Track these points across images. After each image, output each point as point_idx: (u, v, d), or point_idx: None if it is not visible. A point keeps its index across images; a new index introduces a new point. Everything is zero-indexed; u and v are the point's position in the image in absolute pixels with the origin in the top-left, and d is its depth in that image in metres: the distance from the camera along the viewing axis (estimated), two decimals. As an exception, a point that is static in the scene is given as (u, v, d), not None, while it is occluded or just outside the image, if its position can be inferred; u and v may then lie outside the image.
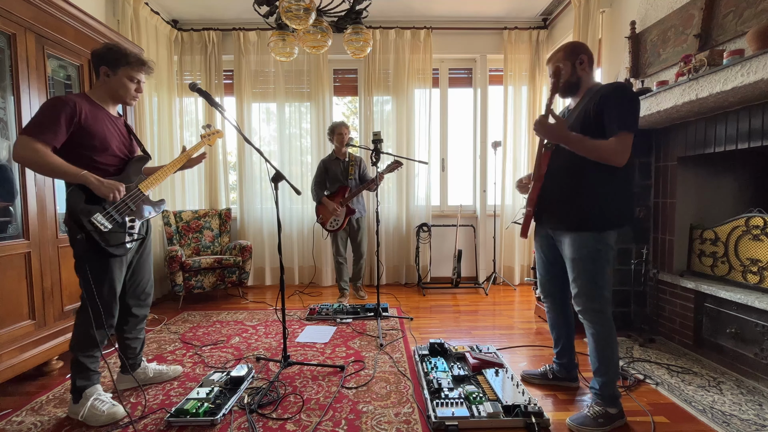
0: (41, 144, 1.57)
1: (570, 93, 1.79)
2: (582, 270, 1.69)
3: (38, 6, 2.14)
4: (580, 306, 1.72)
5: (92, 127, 1.70)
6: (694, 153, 2.38)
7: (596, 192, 1.67)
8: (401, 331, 2.83)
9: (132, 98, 1.84)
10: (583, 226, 1.69)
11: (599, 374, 1.71)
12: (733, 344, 2.15)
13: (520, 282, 4.34)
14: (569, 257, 1.73)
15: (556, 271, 1.94)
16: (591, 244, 1.67)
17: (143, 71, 1.83)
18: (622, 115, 1.58)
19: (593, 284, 1.68)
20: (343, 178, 3.49)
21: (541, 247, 1.97)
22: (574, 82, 1.75)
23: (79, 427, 1.69)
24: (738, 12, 2.08)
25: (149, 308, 2.06)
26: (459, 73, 4.50)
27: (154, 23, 3.67)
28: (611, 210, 1.67)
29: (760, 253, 2.11)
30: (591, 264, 1.67)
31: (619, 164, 1.58)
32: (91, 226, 1.63)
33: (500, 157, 4.24)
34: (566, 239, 1.74)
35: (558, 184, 1.76)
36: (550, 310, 2.02)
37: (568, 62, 1.74)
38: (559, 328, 2.02)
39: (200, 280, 3.54)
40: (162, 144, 3.80)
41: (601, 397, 1.70)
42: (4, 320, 1.98)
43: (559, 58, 1.75)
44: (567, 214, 1.73)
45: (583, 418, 1.67)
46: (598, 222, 1.67)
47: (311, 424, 1.70)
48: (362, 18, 2.77)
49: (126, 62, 1.76)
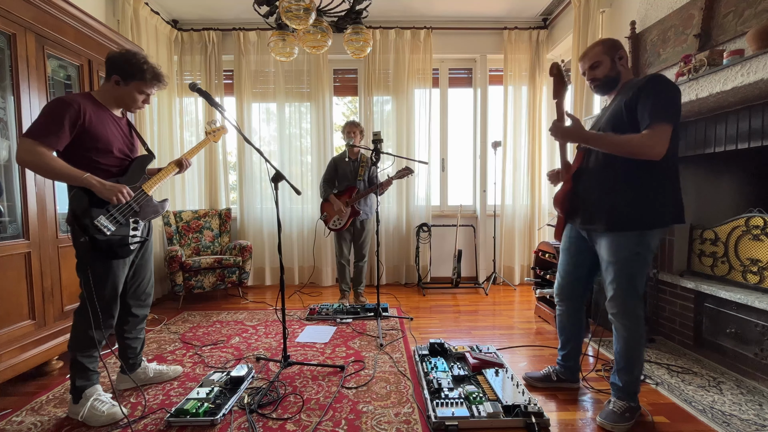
0: (44, 147, 1.55)
1: (609, 89, 1.73)
2: (619, 273, 1.64)
3: (38, 6, 2.14)
4: (616, 309, 1.68)
5: (96, 129, 1.69)
6: (694, 153, 2.37)
7: (632, 189, 1.60)
8: (401, 331, 2.83)
9: (137, 108, 1.84)
10: (619, 226, 1.62)
11: (625, 373, 1.69)
12: (733, 344, 2.15)
13: (520, 282, 4.34)
14: (606, 260, 1.68)
15: (579, 274, 1.89)
16: (630, 247, 1.61)
17: (158, 87, 1.83)
18: (657, 106, 1.51)
19: (631, 288, 1.63)
20: (352, 177, 3.46)
21: (569, 249, 1.90)
22: (614, 78, 1.69)
23: (79, 427, 1.69)
24: (738, 12, 2.08)
25: (149, 308, 2.06)
26: (459, 73, 4.50)
27: (154, 23, 3.67)
28: (650, 208, 1.59)
29: (760, 253, 2.11)
30: (629, 268, 1.62)
31: (655, 157, 1.50)
32: (94, 229, 1.62)
33: (500, 157, 4.25)
34: (603, 240, 1.68)
35: (593, 183, 1.71)
36: (564, 312, 1.98)
37: (608, 57, 1.68)
38: (569, 332, 1.98)
39: (200, 280, 3.54)
40: (162, 144, 3.80)
41: (625, 393, 1.70)
42: (4, 320, 1.98)
43: (597, 52, 1.69)
44: (603, 214, 1.66)
45: (613, 415, 1.67)
46: (636, 221, 1.60)
47: (311, 424, 1.70)
48: (362, 18, 2.77)
49: (141, 78, 1.75)
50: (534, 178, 4.27)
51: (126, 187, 1.71)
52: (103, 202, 1.66)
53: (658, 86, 1.53)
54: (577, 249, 1.87)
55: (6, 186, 2.08)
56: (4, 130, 2.07)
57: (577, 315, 1.96)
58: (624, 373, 1.70)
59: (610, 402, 1.74)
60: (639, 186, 1.59)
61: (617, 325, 1.70)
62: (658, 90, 1.53)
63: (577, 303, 1.94)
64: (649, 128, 1.51)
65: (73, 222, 1.63)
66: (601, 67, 1.69)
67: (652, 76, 1.57)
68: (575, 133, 1.64)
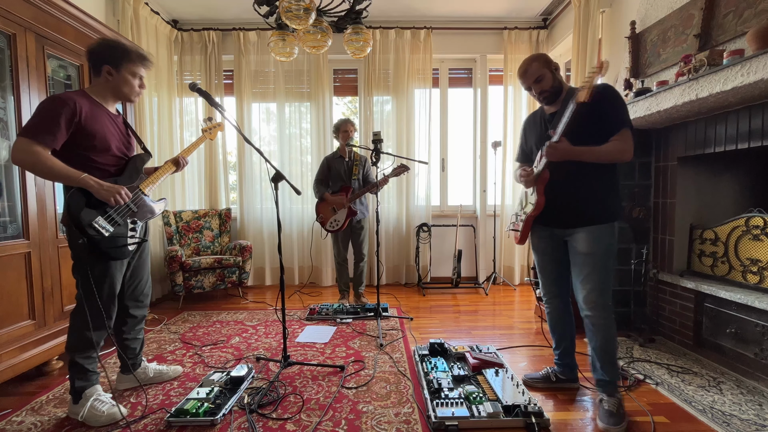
0: (40, 147, 1.53)
1: (555, 98, 1.82)
2: (597, 264, 1.73)
3: (38, 6, 2.14)
4: (593, 302, 1.74)
5: (92, 126, 1.66)
6: (694, 153, 2.38)
7: (603, 185, 1.76)
8: (401, 331, 2.83)
9: (136, 95, 1.82)
10: (597, 219, 1.75)
11: (610, 365, 1.75)
12: (733, 344, 2.15)
13: (520, 282, 4.34)
14: (584, 253, 1.75)
15: (561, 271, 1.95)
16: (605, 239, 1.73)
17: (145, 66, 1.81)
18: (621, 113, 1.69)
19: (607, 279, 1.74)
20: (346, 177, 3.40)
21: (544, 249, 1.96)
22: (558, 87, 1.80)
23: (79, 427, 1.69)
24: (738, 12, 2.08)
25: (147, 309, 2.06)
26: (459, 73, 4.50)
27: (154, 23, 3.67)
28: (615, 201, 1.78)
29: (760, 253, 2.11)
30: (605, 258, 1.73)
31: (629, 159, 1.69)
32: (93, 230, 1.60)
33: (500, 157, 4.24)
34: (581, 234, 1.77)
35: (569, 185, 1.78)
36: (554, 311, 2.01)
37: (547, 70, 1.78)
38: (562, 330, 2.01)
39: (200, 280, 3.54)
40: (162, 144, 3.80)
41: (613, 385, 1.75)
42: (4, 320, 1.98)
43: (536, 67, 1.79)
44: (584, 210, 1.77)
45: (613, 417, 1.67)
46: (610, 213, 1.75)
47: (311, 424, 1.70)
48: (362, 18, 2.77)
49: (128, 59, 1.73)
50: (534, 178, 4.26)
51: (124, 188, 1.68)
52: (100, 202, 1.63)
53: (617, 95, 1.72)
54: (552, 247, 1.93)
55: (6, 186, 2.07)
56: (4, 130, 2.07)
57: (566, 311, 2.01)
58: (609, 366, 1.75)
59: (602, 401, 1.75)
60: (608, 184, 1.77)
61: (595, 320, 1.75)
62: (618, 99, 1.71)
63: (563, 300, 2.00)
64: (621, 134, 1.67)
65: (69, 223, 1.60)
66: (545, 80, 1.78)
67: (607, 86, 1.72)
68: (569, 151, 1.70)
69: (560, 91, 1.81)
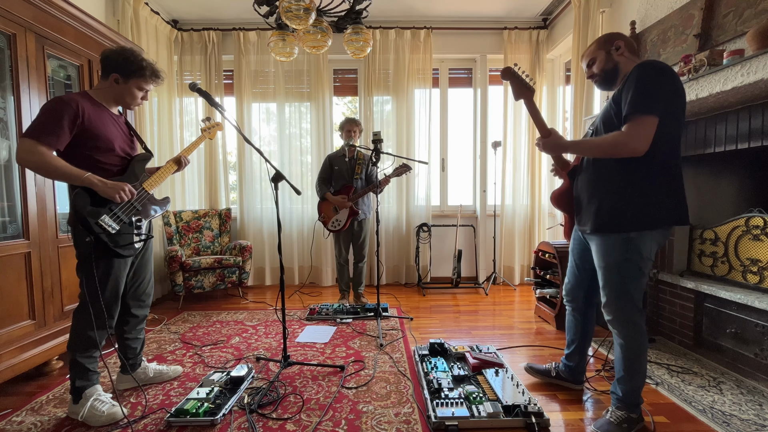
0: (44, 147, 1.55)
1: (610, 82, 1.64)
2: (609, 279, 1.60)
3: (38, 6, 2.14)
4: (610, 315, 1.63)
5: (95, 127, 1.69)
6: (694, 153, 2.37)
7: (617, 188, 1.54)
8: (401, 331, 2.83)
9: (136, 105, 1.85)
10: (604, 228, 1.57)
11: (624, 382, 1.63)
12: (733, 344, 2.15)
13: (520, 282, 4.34)
14: (597, 264, 1.65)
15: (582, 276, 1.87)
16: (618, 251, 1.55)
17: (156, 84, 1.83)
18: (636, 96, 1.41)
19: (624, 295, 1.57)
20: (348, 176, 3.38)
21: (573, 250, 1.89)
22: (611, 69, 1.61)
23: (79, 427, 1.69)
24: (738, 12, 2.08)
25: (149, 308, 2.06)
26: (459, 73, 4.50)
27: (154, 23, 3.67)
28: (635, 209, 1.51)
29: (760, 253, 2.11)
30: (618, 274, 1.56)
31: (634, 153, 1.43)
32: (99, 228, 1.62)
33: (500, 157, 4.24)
34: (593, 243, 1.66)
35: (584, 182, 1.70)
36: (570, 313, 1.97)
37: (602, 51, 1.62)
38: (574, 332, 1.96)
39: (200, 280, 3.54)
40: (162, 144, 3.80)
41: (624, 403, 1.64)
42: (4, 320, 1.98)
43: (592, 50, 1.65)
44: (590, 214, 1.63)
45: (608, 425, 1.62)
46: (620, 223, 1.53)
47: (311, 424, 1.70)
48: (362, 18, 2.77)
49: (140, 75, 1.75)
50: (534, 178, 4.27)
51: (128, 185, 1.70)
52: (105, 201, 1.65)
53: (643, 74, 1.42)
54: (580, 250, 1.85)
55: (6, 186, 2.08)
56: (4, 130, 2.07)
57: (583, 317, 1.92)
58: (623, 383, 1.63)
59: (608, 411, 1.68)
60: (625, 185, 1.52)
61: (613, 331, 1.65)
62: (641, 78, 1.42)
63: (581, 305, 1.91)
64: (627, 122, 1.43)
65: (76, 222, 1.63)
66: (596, 63, 1.65)
67: (639, 64, 1.47)
68: (560, 144, 1.66)
69: (613, 73, 1.61)
